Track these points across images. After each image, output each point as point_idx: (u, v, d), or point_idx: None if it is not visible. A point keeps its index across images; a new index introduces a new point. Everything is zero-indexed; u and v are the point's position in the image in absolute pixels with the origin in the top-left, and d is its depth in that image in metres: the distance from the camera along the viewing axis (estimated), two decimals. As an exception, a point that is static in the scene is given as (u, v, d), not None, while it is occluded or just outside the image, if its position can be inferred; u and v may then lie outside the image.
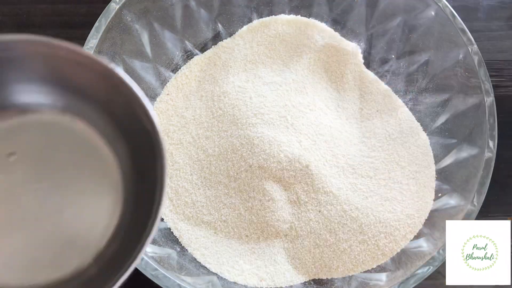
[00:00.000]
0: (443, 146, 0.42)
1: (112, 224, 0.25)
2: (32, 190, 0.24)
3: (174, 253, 0.37)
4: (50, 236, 0.24)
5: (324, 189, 0.39)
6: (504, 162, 0.44)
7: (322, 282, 0.39)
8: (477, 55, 0.39)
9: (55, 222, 0.24)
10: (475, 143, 0.38)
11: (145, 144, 0.23)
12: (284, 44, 0.45)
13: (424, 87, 0.44)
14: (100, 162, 0.25)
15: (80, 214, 0.25)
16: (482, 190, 0.36)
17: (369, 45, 0.46)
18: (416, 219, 0.39)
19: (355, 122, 0.44)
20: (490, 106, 0.38)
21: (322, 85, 0.45)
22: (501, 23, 0.51)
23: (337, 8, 0.46)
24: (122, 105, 0.24)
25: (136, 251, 0.22)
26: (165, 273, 0.33)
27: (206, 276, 0.37)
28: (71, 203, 0.25)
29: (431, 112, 0.43)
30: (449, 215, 0.38)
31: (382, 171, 0.41)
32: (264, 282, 0.38)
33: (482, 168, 0.37)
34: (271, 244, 0.39)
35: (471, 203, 0.36)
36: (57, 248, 0.24)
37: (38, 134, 0.25)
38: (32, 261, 0.24)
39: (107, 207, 0.25)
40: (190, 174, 0.41)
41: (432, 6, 0.41)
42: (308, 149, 0.40)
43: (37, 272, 0.23)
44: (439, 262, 0.34)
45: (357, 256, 0.38)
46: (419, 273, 0.34)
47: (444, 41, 0.42)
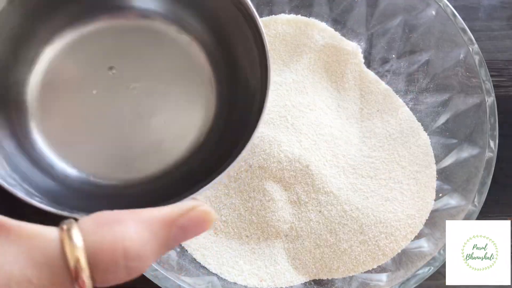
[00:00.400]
0: (443, 146, 0.41)
1: (200, 137, 0.26)
2: (129, 89, 0.25)
3: (174, 253, 0.37)
4: (138, 137, 0.25)
5: (325, 189, 0.39)
6: (504, 162, 0.44)
7: (322, 282, 0.39)
8: (478, 54, 0.39)
9: (146, 124, 0.25)
10: (476, 143, 0.38)
11: (248, 51, 0.25)
12: (284, 44, 0.45)
13: (425, 87, 0.44)
14: (198, 74, 0.27)
15: (170, 120, 0.26)
16: (483, 190, 0.36)
17: (370, 44, 0.46)
18: (416, 219, 0.39)
19: (355, 122, 0.44)
20: (491, 106, 0.38)
21: (322, 84, 0.44)
22: (502, 22, 0.51)
23: (337, 7, 0.46)
24: (228, 15, 0.25)
25: (226, 164, 0.23)
26: (165, 273, 0.33)
27: (206, 276, 0.37)
28: (163, 109, 0.26)
29: (431, 112, 0.43)
30: (450, 215, 0.38)
31: (382, 171, 0.41)
32: (264, 283, 0.38)
33: (483, 168, 0.37)
34: (271, 245, 0.39)
35: (472, 203, 0.36)
36: (141, 150, 0.25)
37: (145, 38, 0.27)
38: (120, 159, 0.25)
39: (196, 120, 0.26)
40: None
41: (432, 6, 0.41)
42: (308, 149, 0.40)
43: (124, 170, 0.25)
44: (440, 263, 0.34)
45: (357, 257, 0.38)
46: (419, 273, 0.34)
47: (445, 40, 0.42)
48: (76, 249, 0.16)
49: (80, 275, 0.16)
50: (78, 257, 0.15)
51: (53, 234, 0.16)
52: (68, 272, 0.16)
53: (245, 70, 0.26)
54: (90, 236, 0.16)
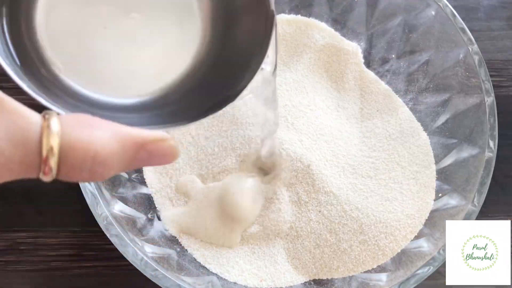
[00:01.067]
0: (443, 146, 0.42)
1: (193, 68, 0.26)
2: (128, 18, 0.26)
3: (174, 253, 0.37)
4: (133, 59, 0.26)
5: (325, 189, 0.39)
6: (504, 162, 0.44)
7: (322, 282, 0.39)
8: (478, 54, 0.39)
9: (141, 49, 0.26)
10: (476, 143, 0.38)
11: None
12: (284, 44, 0.45)
13: (425, 87, 0.44)
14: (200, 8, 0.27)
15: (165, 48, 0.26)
16: (483, 190, 0.36)
17: (369, 44, 0.46)
18: (416, 219, 0.39)
19: (355, 122, 0.44)
20: (490, 106, 0.38)
21: (322, 84, 0.44)
22: (501, 22, 0.51)
23: (337, 7, 0.46)
24: None
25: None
26: (165, 274, 0.33)
27: (206, 276, 0.37)
28: (159, 38, 0.26)
29: (431, 112, 0.43)
30: (449, 215, 0.38)
31: (382, 171, 0.41)
32: (264, 283, 0.38)
33: (483, 168, 0.37)
34: (271, 245, 0.39)
35: (471, 203, 0.36)
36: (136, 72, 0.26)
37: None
38: (117, 79, 0.26)
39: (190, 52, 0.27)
40: (190, 173, 0.41)
41: (432, 6, 0.41)
42: (309, 148, 0.40)
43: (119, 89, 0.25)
44: (439, 262, 0.34)
45: (357, 256, 0.38)
46: (419, 273, 0.34)
47: (445, 40, 0.42)
48: (53, 137, 0.17)
49: (49, 161, 0.17)
50: (52, 145, 0.17)
51: (35, 117, 0.17)
52: (39, 157, 0.17)
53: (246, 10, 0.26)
54: (69, 130, 0.17)
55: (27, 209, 0.42)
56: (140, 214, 0.38)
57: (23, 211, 0.42)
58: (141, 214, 0.38)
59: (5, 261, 0.41)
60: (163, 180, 0.41)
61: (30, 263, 0.40)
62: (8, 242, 0.41)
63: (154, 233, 0.38)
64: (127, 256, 0.33)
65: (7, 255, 0.41)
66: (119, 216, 0.35)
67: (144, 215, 0.38)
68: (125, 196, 0.38)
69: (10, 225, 0.41)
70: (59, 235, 0.41)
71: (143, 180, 0.41)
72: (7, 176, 0.17)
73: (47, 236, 0.41)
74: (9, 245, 0.41)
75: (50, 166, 0.17)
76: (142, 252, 0.33)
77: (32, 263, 0.41)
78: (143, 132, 0.19)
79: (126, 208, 0.37)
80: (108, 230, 0.33)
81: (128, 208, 0.37)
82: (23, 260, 0.41)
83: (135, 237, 0.35)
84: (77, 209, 0.42)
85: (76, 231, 0.41)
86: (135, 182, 0.40)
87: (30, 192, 0.42)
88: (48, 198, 0.42)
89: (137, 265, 0.33)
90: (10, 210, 0.42)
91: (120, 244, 0.33)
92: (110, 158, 0.18)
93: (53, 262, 0.41)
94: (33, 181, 0.18)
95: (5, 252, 0.41)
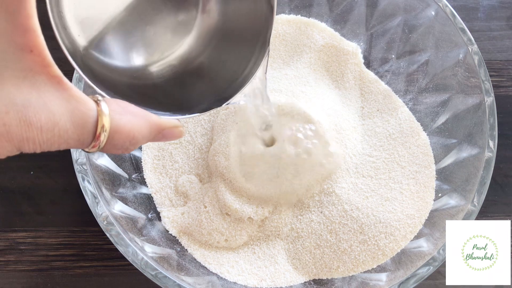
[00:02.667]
0: (443, 146, 0.42)
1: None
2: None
3: (174, 253, 0.37)
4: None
5: (328, 190, 0.39)
6: (504, 162, 0.44)
7: (322, 282, 0.39)
8: (477, 55, 0.39)
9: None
10: (475, 143, 0.38)
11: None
12: (284, 44, 0.45)
13: (424, 87, 0.44)
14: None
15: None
16: (482, 190, 0.36)
17: (369, 45, 0.46)
18: (416, 219, 0.39)
19: (358, 119, 0.44)
20: (490, 106, 0.38)
21: (324, 81, 0.45)
22: (501, 23, 0.51)
23: (337, 8, 0.46)
24: None
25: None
26: (165, 273, 0.33)
27: (206, 276, 0.37)
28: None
29: (431, 112, 0.43)
30: (449, 215, 0.38)
31: (382, 171, 0.41)
32: (264, 282, 0.38)
33: (482, 168, 0.37)
34: (272, 245, 0.39)
35: (471, 203, 0.36)
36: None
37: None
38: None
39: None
40: (188, 172, 0.41)
41: (432, 6, 0.41)
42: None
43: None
44: (439, 262, 0.34)
45: (357, 256, 0.38)
46: (419, 273, 0.34)
47: (444, 41, 0.42)
48: (105, 118, 0.21)
49: (100, 137, 0.21)
50: (104, 124, 0.21)
51: (92, 104, 0.21)
52: (92, 136, 0.21)
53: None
54: (116, 116, 0.22)
55: (27, 209, 0.42)
56: (140, 214, 0.38)
57: (23, 211, 0.42)
58: (141, 214, 0.38)
59: (5, 261, 0.41)
60: (163, 180, 0.41)
61: (30, 263, 0.41)
62: (8, 242, 0.41)
63: (154, 233, 0.38)
64: (127, 256, 0.33)
65: (7, 255, 0.41)
66: (119, 216, 0.35)
67: (144, 215, 0.38)
68: (125, 196, 0.38)
69: (10, 225, 0.42)
70: (59, 235, 0.41)
71: (143, 180, 0.41)
72: (63, 147, 0.21)
73: (47, 236, 0.41)
74: (9, 245, 0.41)
75: (101, 140, 0.22)
76: (142, 252, 0.33)
77: (32, 263, 0.41)
78: (163, 120, 0.25)
79: (126, 208, 0.37)
80: (108, 230, 0.33)
81: (128, 208, 0.37)
82: (23, 260, 0.41)
83: (135, 237, 0.35)
84: (77, 209, 0.42)
85: (76, 231, 0.41)
86: (135, 182, 0.40)
87: (30, 192, 0.42)
88: (48, 198, 0.42)
89: (137, 265, 0.33)
90: (10, 210, 0.42)
91: (120, 244, 0.33)
92: (141, 140, 0.24)
93: (53, 262, 0.41)
94: (33, 181, 0.19)
95: (5, 252, 0.41)
